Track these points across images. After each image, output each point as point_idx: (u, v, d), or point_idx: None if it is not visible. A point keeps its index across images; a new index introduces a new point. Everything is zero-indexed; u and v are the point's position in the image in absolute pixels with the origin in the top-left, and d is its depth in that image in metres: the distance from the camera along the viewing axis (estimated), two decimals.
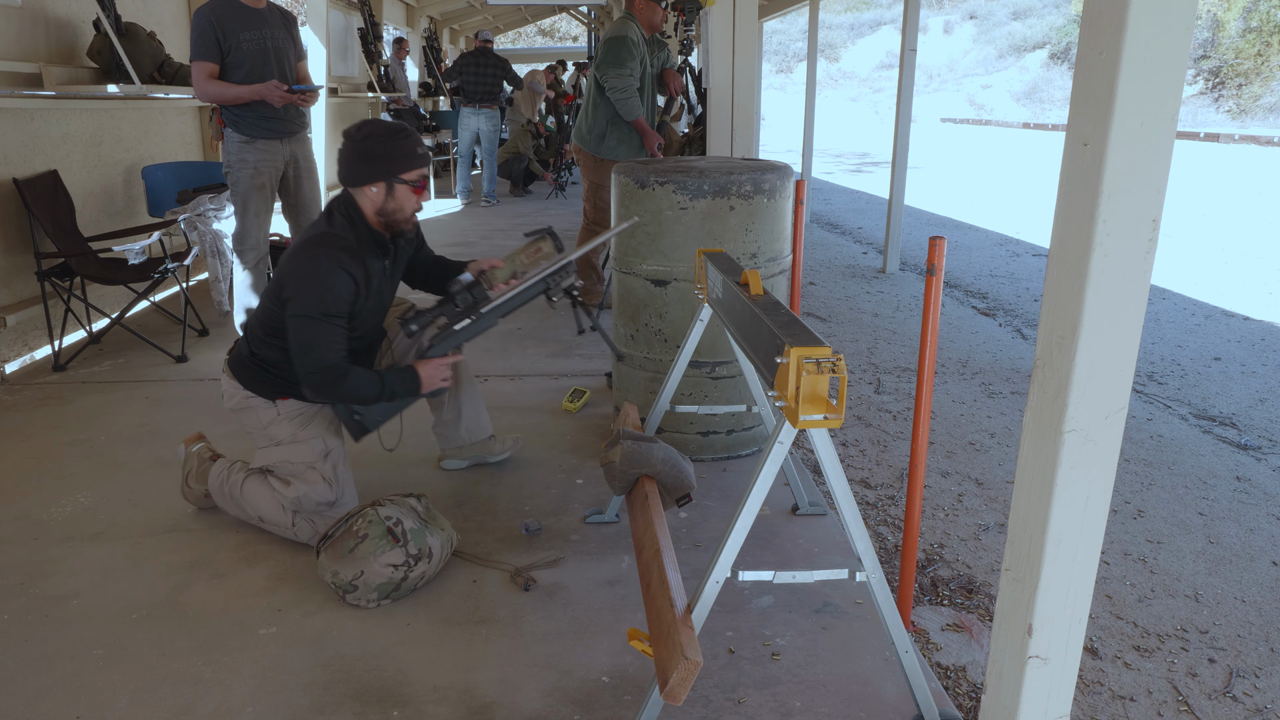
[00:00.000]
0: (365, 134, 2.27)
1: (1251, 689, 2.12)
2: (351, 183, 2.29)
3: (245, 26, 3.69)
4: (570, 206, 9.21)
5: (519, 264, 2.50)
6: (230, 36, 3.65)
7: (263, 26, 3.75)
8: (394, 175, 2.26)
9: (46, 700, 1.81)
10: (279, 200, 4.04)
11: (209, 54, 3.64)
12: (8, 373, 3.89)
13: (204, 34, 3.62)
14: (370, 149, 2.26)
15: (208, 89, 3.69)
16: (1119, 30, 1.13)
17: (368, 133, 2.27)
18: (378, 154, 2.25)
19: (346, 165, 2.29)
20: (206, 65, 3.65)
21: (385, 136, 2.27)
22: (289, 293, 2.22)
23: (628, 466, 2.06)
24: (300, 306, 2.20)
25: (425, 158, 2.33)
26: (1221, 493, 3.11)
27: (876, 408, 3.86)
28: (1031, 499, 1.34)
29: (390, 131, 2.29)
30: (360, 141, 2.26)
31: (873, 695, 1.85)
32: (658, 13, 4.60)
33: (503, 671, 1.91)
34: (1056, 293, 1.27)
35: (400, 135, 2.29)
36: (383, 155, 2.25)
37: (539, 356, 4.12)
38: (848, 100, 33.27)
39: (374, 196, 2.28)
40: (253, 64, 3.71)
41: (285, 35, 3.85)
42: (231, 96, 3.69)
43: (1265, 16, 24.47)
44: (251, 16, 3.71)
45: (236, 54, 3.68)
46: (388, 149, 2.26)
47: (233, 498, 2.47)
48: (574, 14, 18.48)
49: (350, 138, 2.28)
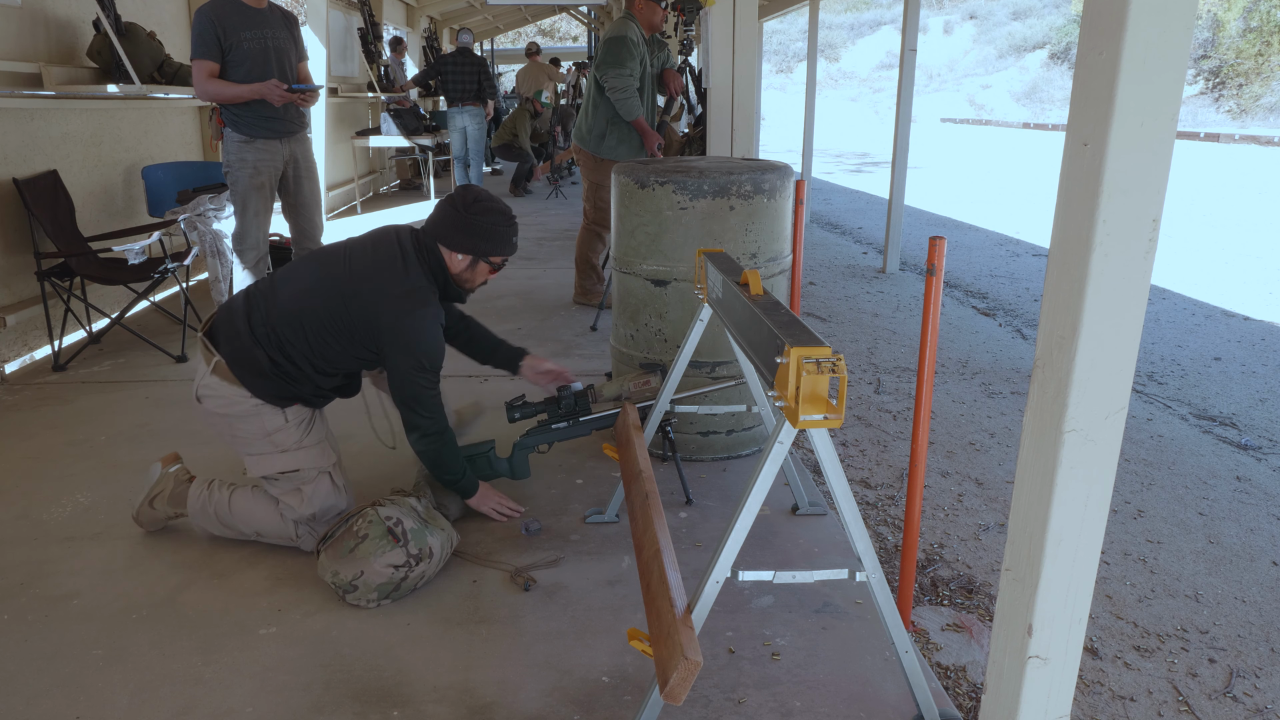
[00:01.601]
0: (476, 210, 2.34)
1: (1251, 689, 2.12)
2: (445, 242, 2.35)
3: (246, 26, 3.70)
4: (570, 206, 9.20)
5: (627, 389, 2.66)
6: (231, 35, 3.65)
7: (264, 26, 3.75)
8: (485, 255, 2.38)
9: (46, 700, 1.81)
10: (279, 200, 4.04)
11: (209, 53, 3.65)
12: (8, 373, 3.89)
13: (204, 33, 3.63)
14: (475, 224, 2.34)
15: (208, 88, 3.69)
16: (1119, 30, 1.13)
17: (483, 207, 2.35)
18: (481, 231, 2.34)
19: (447, 227, 2.34)
20: (207, 64, 3.65)
21: (495, 214, 2.36)
22: (400, 342, 2.26)
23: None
24: (425, 361, 2.29)
25: (516, 247, 2.45)
26: (1221, 493, 3.11)
27: (876, 408, 3.86)
28: (1031, 499, 1.34)
29: (500, 211, 2.38)
30: (472, 212, 2.34)
31: (873, 695, 1.85)
32: (658, 13, 4.60)
33: (503, 671, 1.91)
34: (1056, 293, 1.27)
35: (505, 222, 2.38)
36: (485, 234, 2.35)
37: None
38: (848, 100, 33.27)
39: (458, 262, 2.37)
40: (253, 63, 3.72)
41: (286, 35, 3.86)
42: (231, 95, 3.69)
43: (1265, 16, 24.46)
44: (253, 16, 3.72)
45: (237, 53, 3.68)
46: (491, 230, 2.35)
47: (219, 516, 2.39)
48: (574, 14, 18.49)
49: (459, 204, 2.34)
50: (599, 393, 2.72)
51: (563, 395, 2.68)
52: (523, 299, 5.23)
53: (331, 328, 2.28)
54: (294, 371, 2.30)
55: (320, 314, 2.28)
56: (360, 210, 8.92)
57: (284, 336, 2.28)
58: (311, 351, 2.30)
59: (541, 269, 6.10)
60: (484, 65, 9.19)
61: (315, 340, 2.29)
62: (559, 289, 5.45)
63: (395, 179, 11.25)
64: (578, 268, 5.02)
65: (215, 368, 2.29)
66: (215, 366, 2.29)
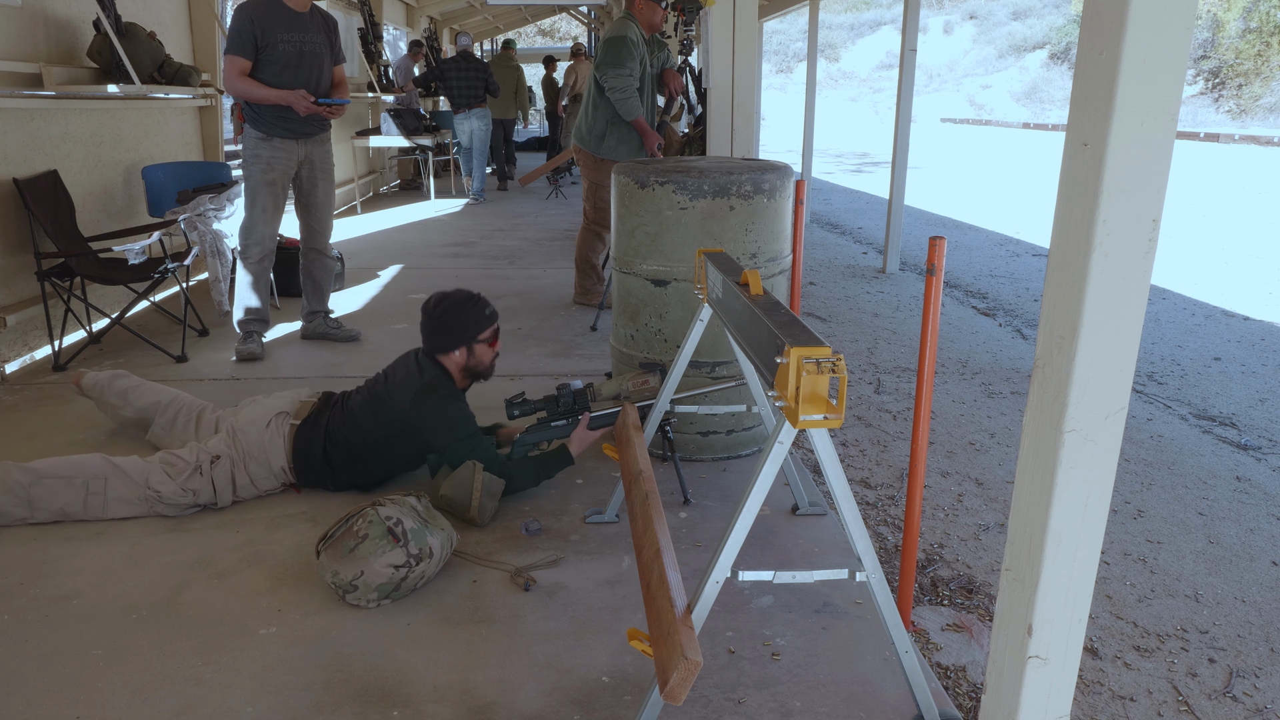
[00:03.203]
0: (441, 309, 2.64)
1: (1251, 689, 2.12)
2: (436, 351, 2.66)
3: (286, 28, 3.71)
4: (570, 206, 9.21)
5: (625, 389, 2.68)
6: (268, 36, 3.67)
7: (303, 30, 3.77)
8: (472, 340, 2.64)
9: (46, 700, 1.81)
10: (291, 198, 4.05)
11: (244, 50, 3.66)
12: (8, 373, 3.89)
13: (241, 30, 3.65)
14: (446, 323, 2.63)
15: (237, 85, 3.70)
16: (1119, 30, 1.13)
17: (443, 309, 2.64)
18: (454, 324, 2.63)
19: (430, 337, 2.66)
20: (239, 61, 3.67)
21: (457, 308, 2.64)
22: (438, 434, 2.57)
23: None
24: (457, 430, 2.57)
25: (494, 316, 2.70)
26: (1221, 493, 3.11)
27: (876, 408, 3.86)
28: (1031, 499, 1.34)
29: (460, 302, 2.65)
30: (437, 317, 2.63)
31: (873, 695, 1.85)
32: (658, 13, 4.60)
33: (503, 671, 1.91)
34: (1056, 293, 1.27)
35: (469, 304, 2.65)
36: (457, 325, 2.63)
37: (539, 356, 4.12)
38: (848, 100, 33.27)
39: (457, 359, 2.66)
40: (283, 65, 3.73)
41: (323, 40, 3.88)
42: (259, 97, 3.71)
43: (1265, 16, 24.47)
44: (294, 19, 3.73)
45: (270, 53, 3.70)
46: (462, 318, 2.63)
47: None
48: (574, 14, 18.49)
49: (427, 313, 2.65)
50: (598, 392, 2.72)
51: (562, 394, 2.70)
52: (523, 299, 5.23)
53: (382, 436, 2.62)
54: (333, 467, 2.66)
55: (371, 427, 2.63)
56: (360, 210, 8.92)
57: (343, 448, 2.64)
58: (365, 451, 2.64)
59: (541, 269, 6.10)
60: (487, 68, 9.24)
61: (371, 446, 2.64)
62: (559, 289, 5.45)
63: (395, 179, 11.26)
64: (578, 268, 5.02)
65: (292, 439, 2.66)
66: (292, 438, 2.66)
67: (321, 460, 2.65)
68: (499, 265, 6.22)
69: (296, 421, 2.68)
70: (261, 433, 2.63)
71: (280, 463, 2.63)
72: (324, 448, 2.64)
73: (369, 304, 5.14)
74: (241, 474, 2.60)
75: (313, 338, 4.32)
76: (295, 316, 4.52)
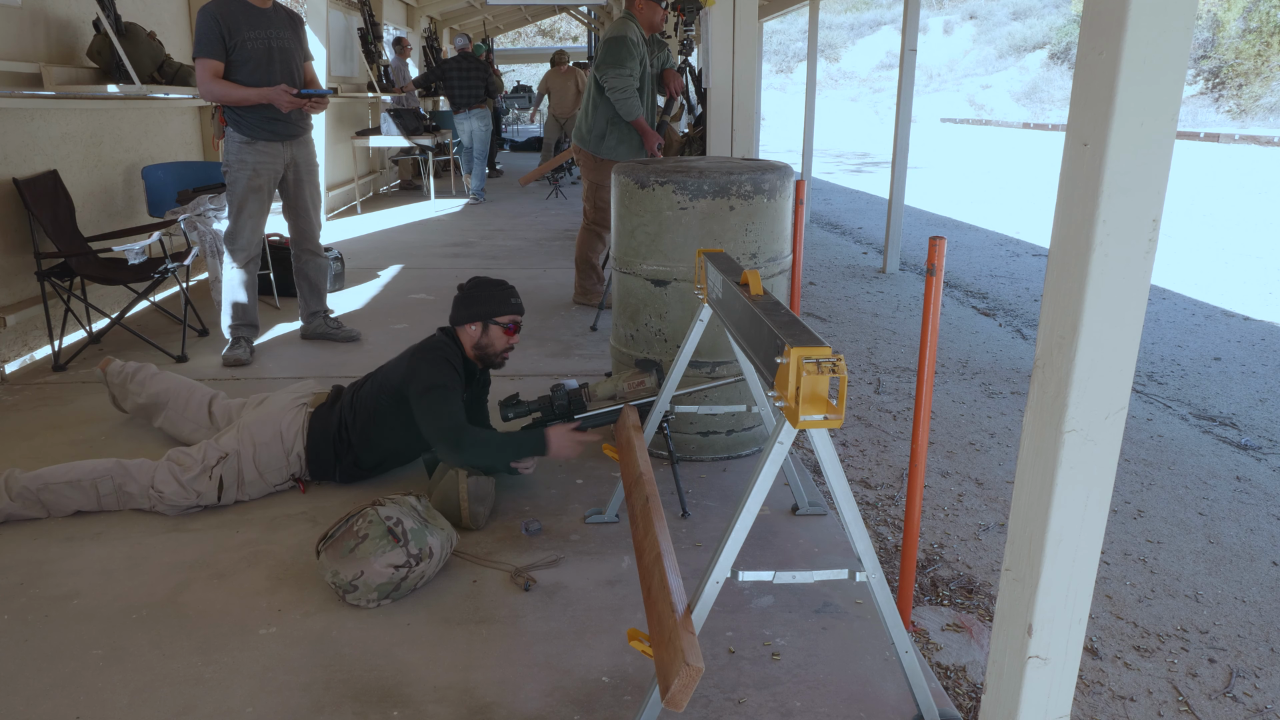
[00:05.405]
0: (473, 284, 2.75)
1: (1251, 689, 2.12)
2: (456, 321, 2.73)
3: (250, 26, 3.65)
4: (570, 206, 9.21)
5: (620, 389, 2.69)
6: (235, 35, 3.61)
7: (268, 26, 3.71)
8: (490, 317, 2.70)
9: (46, 700, 1.81)
10: (279, 200, 4.03)
11: (214, 52, 3.59)
12: (8, 373, 3.89)
13: (209, 32, 3.58)
14: (473, 295, 2.72)
15: (213, 88, 3.63)
16: (1119, 30, 1.13)
17: (475, 284, 2.75)
18: (479, 298, 2.71)
19: (456, 308, 2.73)
20: (211, 63, 3.60)
21: (487, 285, 2.75)
22: (410, 382, 2.59)
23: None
24: (427, 380, 2.57)
25: (519, 307, 2.76)
26: (1221, 493, 3.11)
27: (876, 408, 3.86)
28: (1031, 499, 1.34)
29: (492, 282, 2.76)
30: (468, 289, 2.74)
31: (873, 695, 1.85)
32: (658, 13, 4.60)
33: (503, 671, 1.91)
34: (1056, 293, 1.27)
35: (500, 286, 2.75)
36: (482, 299, 2.71)
37: (539, 356, 4.12)
38: (848, 100, 33.27)
39: (472, 333, 2.71)
40: (257, 63, 3.67)
41: (291, 36, 3.81)
42: (238, 98, 3.64)
43: (1265, 16, 24.47)
44: (257, 16, 3.68)
45: (240, 52, 3.63)
46: (489, 295, 2.72)
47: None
48: (574, 14, 18.49)
49: (461, 288, 2.75)
50: (593, 391, 2.72)
51: (556, 394, 2.70)
52: (523, 299, 5.21)
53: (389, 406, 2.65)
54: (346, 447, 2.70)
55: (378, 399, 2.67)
56: (360, 210, 8.92)
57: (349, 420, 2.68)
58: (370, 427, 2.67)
59: (541, 269, 6.10)
60: (487, 68, 9.26)
61: (376, 420, 2.67)
62: (559, 289, 5.45)
63: (395, 179, 11.26)
64: (578, 268, 5.02)
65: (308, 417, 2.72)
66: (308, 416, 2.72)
67: (334, 440, 2.69)
68: (499, 265, 6.22)
69: (312, 409, 2.74)
70: (279, 419, 2.67)
71: (296, 449, 2.66)
72: (336, 430, 2.69)
73: (369, 304, 5.14)
74: (250, 469, 2.61)
75: (313, 338, 4.32)
76: (295, 316, 4.52)
